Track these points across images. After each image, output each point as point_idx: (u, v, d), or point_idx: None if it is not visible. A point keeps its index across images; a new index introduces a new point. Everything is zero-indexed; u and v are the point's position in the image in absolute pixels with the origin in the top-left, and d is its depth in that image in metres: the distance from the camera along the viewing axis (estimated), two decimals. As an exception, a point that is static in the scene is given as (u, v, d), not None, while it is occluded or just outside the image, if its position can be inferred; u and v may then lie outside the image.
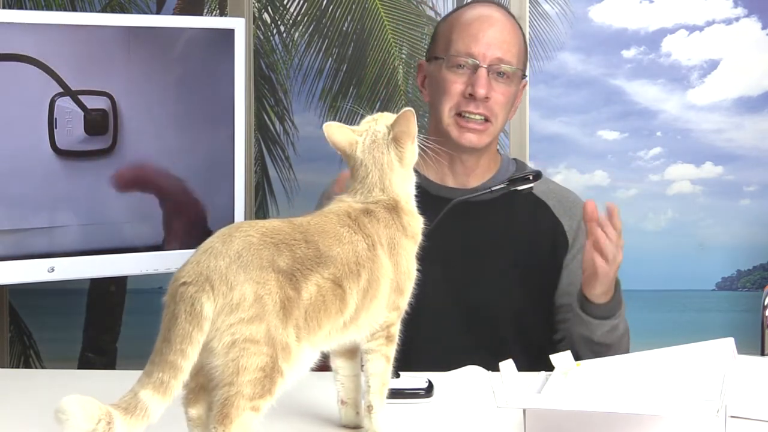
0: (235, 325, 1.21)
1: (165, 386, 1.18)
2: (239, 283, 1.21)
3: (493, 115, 2.03)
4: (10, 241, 1.94)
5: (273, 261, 1.24)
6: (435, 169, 2.09)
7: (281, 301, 1.23)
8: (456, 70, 2.03)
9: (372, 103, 2.78)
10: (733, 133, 2.73)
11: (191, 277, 1.22)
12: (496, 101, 2.02)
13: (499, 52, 2.02)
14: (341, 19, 2.78)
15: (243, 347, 1.21)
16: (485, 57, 2.01)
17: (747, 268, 2.76)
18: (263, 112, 2.80)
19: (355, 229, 1.34)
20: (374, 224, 1.37)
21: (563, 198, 2.12)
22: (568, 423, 1.35)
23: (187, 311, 1.20)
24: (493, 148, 2.12)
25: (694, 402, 1.27)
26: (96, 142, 2.01)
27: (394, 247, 1.38)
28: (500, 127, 2.06)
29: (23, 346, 2.82)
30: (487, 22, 2.05)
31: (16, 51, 1.92)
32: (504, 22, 2.06)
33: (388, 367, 1.40)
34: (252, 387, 1.21)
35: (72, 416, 1.12)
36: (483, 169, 2.12)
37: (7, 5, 2.76)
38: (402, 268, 1.38)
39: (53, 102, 1.96)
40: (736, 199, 2.75)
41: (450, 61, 2.04)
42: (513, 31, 2.07)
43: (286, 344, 1.24)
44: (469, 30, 2.03)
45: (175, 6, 2.77)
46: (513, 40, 2.05)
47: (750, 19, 2.71)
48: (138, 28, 2.05)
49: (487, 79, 2.01)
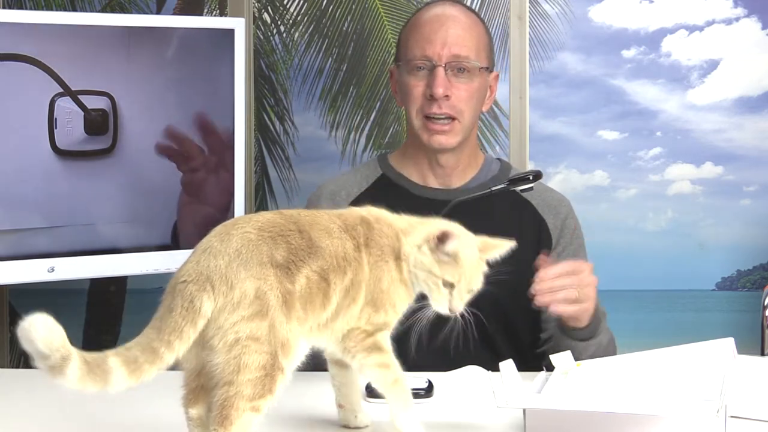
0: (238, 323, 1.21)
1: (136, 366, 1.18)
2: (240, 281, 1.21)
3: (457, 113, 2.03)
4: (10, 241, 1.94)
5: (271, 255, 1.24)
6: (416, 170, 2.11)
7: (283, 295, 1.23)
8: (416, 73, 2.04)
9: (372, 103, 2.78)
10: (733, 133, 2.73)
11: (192, 276, 1.22)
12: (459, 98, 2.02)
13: (456, 49, 2.02)
14: (341, 19, 2.78)
15: (245, 345, 1.21)
16: (440, 56, 2.01)
17: (747, 268, 2.76)
18: (263, 112, 2.80)
19: (344, 228, 1.33)
20: (368, 230, 1.34)
21: (547, 197, 2.12)
22: (568, 423, 1.35)
23: (184, 306, 1.20)
24: (470, 146, 2.12)
25: (694, 402, 1.27)
26: (96, 142, 2.01)
27: (379, 260, 1.33)
28: (469, 123, 2.06)
29: (23, 346, 2.81)
30: (441, 20, 2.05)
31: (16, 51, 1.93)
32: (459, 19, 2.06)
33: (389, 373, 1.34)
34: (252, 387, 1.21)
35: (34, 333, 1.12)
36: (464, 167, 2.12)
37: (7, 5, 2.76)
38: (382, 286, 1.33)
39: (53, 102, 1.96)
40: (736, 199, 2.75)
41: (408, 65, 2.05)
42: (470, 26, 2.06)
43: (286, 339, 1.23)
44: (423, 31, 2.04)
45: (175, 6, 2.77)
46: (470, 36, 2.05)
47: (750, 19, 2.71)
48: (138, 28, 2.05)
49: (445, 78, 2.01)
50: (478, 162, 2.14)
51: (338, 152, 2.79)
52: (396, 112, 2.77)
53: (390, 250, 1.34)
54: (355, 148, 2.79)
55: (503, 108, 2.74)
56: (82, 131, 1.99)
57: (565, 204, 2.13)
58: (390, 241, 1.35)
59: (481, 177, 2.12)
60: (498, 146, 2.75)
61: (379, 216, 1.38)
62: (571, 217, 2.11)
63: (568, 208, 2.13)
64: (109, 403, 1.64)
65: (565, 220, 2.10)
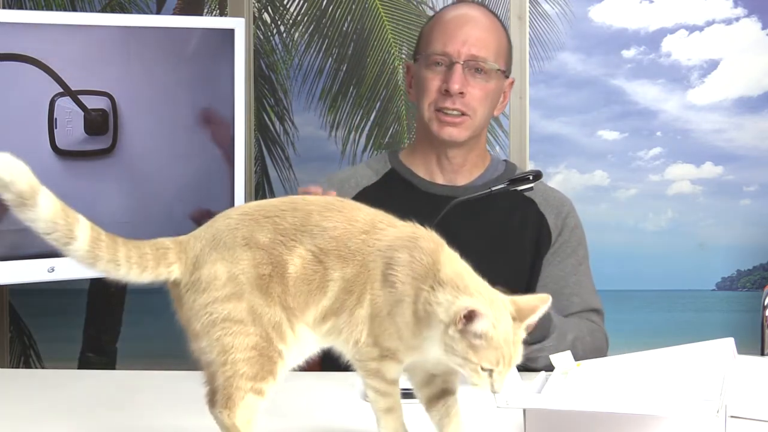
0: (210, 305, 1.21)
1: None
2: (208, 264, 1.22)
3: (470, 110, 2.06)
4: (10, 241, 1.94)
5: (251, 238, 1.23)
6: (424, 166, 2.14)
7: (256, 278, 1.22)
8: (434, 68, 2.07)
9: (372, 103, 2.78)
10: (733, 133, 2.73)
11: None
12: (473, 96, 2.05)
13: (474, 49, 2.05)
14: (341, 19, 2.78)
15: (223, 326, 1.21)
16: (460, 54, 2.05)
17: (747, 268, 2.76)
18: (263, 112, 2.80)
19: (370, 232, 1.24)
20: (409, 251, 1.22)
21: (549, 196, 2.15)
22: (568, 423, 1.35)
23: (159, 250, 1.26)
24: (479, 145, 2.15)
25: (694, 402, 1.27)
26: (96, 142, 2.01)
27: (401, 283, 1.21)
28: (480, 122, 2.08)
29: (23, 346, 2.82)
30: (464, 20, 2.09)
31: (16, 51, 1.92)
32: (482, 21, 2.10)
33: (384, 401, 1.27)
34: (248, 366, 1.20)
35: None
36: (471, 166, 2.14)
37: (7, 5, 2.76)
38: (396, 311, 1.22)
39: (53, 102, 1.96)
40: (736, 199, 2.75)
41: (428, 60, 2.08)
42: (491, 29, 2.10)
43: (278, 324, 1.22)
44: (446, 29, 2.08)
45: (175, 6, 2.77)
46: (490, 38, 2.08)
47: (750, 19, 2.71)
48: (138, 28, 2.04)
49: (462, 75, 2.04)
50: (485, 162, 2.18)
51: (338, 152, 2.79)
52: (396, 112, 2.77)
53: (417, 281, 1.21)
54: (355, 148, 2.79)
55: (503, 108, 2.74)
56: (82, 131, 1.99)
57: (567, 204, 2.16)
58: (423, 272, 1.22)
59: (486, 176, 2.15)
60: (498, 146, 2.75)
61: (431, 247, 1.24)
62: (572, 216, 2.14)
63: (570, 208, 2.16)
64: (109, 404, 1.64)
65: (566, 218, 2.13)
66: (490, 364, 1.18)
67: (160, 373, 1.93)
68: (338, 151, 2.79)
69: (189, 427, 1.47)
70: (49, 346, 2.82)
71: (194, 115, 2.10)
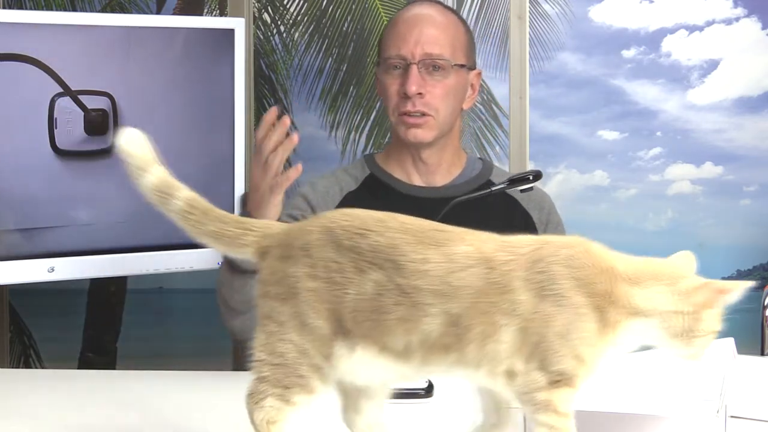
0: (261, 297, 1.15)
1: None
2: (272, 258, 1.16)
3: (431, 109, 2.06)
4: (10, 241, 1.94)
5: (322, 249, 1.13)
6: (401, 169, 2.16)
7: (310, 289, 1.12)
8: (392, 72, 2.09)
9: (372, 103, 2.78)
10: (733, 133, 2.73)
11: None
12: (433, 95, 2.06)
13: (428, 47, 2.06)
14: (341, 19, 2.78)
15: (264, 323, 1.15)
16: (414, 54, 2.05)
17: (747, 268, 2.76)
18: (263, 112, 2.80)
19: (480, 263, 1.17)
20: (552, 267, 1.19)
21: (529, 193, 2.15)
22: (568, 423, 1.34)
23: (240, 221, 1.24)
24: (452, 143, 2.16)
25: (694, 402, 1.27)
26: (96, 142, 2.01)
27: (555, 300, 1.14)
28: (445, 120, 2.09)
29: (23, 346, 2.82)
30: (415, 20, 2.09)
31: (16, 51, 1.93)
32: (435, 18, 2.10)
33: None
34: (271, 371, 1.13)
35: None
36: (447, 165, 2.16)
37: (7, 5, 2.76)
38: (555, 330, 1.12)
39: (53, 102, 1.96)
40: (736, 199, 2.75)
41: (385, 64, 2.10)
42: (445, 25, 2.10)
43: (330, 354, 1.12)
44: (399, 31, 2.09)
45: (175, 6, 2.77)
46: (444, 34, 2.08)
47: (750, 19, 2.71)
48: (138, 28, 2.05)
49: (419, 76, 2.05)
50: (461, 161, 2.19)
51: (338, 152, 2.79)
52: (396, 112, 2.77)
53: (588, 287, 1.17)
54: (355, 148, 2.79)
55: (503, 108, 2.74)
56: (82, 131, 1.99)
57: (547, 199, 2.20)
58: (591, 276, 1.19)
59: (466, 175, 2.16)
60: (498, 146, 2.75)
61: (578, 251, 1.23)
62: (554, 213, 2.18)
63: (550, 203, 2.20)
64: (109, 404, 1.64)
65: (549, 214, 2.17)
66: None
67: (160, 373, 1.93)
68: (338, 151, 2.79)
69: (189, 427, 1.47)
70: (49, 346, 2.82)
71: (194, 115, 2.10)
